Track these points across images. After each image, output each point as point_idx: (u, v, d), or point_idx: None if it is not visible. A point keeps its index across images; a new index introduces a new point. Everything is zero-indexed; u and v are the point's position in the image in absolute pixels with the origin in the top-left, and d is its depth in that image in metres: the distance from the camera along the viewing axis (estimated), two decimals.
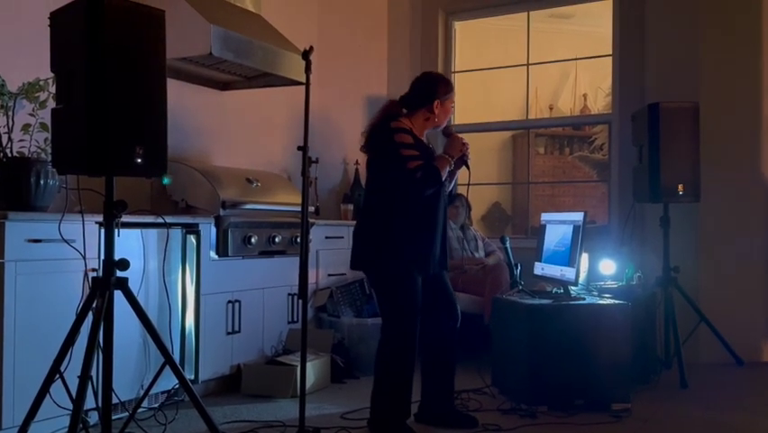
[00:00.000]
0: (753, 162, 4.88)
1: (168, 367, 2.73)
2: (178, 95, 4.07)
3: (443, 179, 3.14)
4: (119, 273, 2.61)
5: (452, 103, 3.29)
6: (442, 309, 3.29)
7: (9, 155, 3.03)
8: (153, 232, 3.43)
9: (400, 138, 3.10)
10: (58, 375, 2.55)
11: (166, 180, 3.46)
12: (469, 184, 3.37)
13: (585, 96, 7.29)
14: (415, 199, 3.11)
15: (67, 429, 2.46)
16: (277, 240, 4.14)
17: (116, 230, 2.59)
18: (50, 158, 2.79)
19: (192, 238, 3.67)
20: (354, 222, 4.87)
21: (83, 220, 2.81)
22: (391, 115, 3.20)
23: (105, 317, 2.55)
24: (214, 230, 3.79)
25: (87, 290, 2.65)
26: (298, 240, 4.04)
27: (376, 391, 3.18)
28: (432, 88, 3.24)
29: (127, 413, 2.99)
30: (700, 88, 4.82)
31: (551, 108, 7.33)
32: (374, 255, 3.16)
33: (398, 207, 3.12)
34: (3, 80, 3.01)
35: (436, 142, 4.12)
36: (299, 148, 2.84)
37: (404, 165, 3.06)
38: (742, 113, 4.88)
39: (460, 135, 3.27)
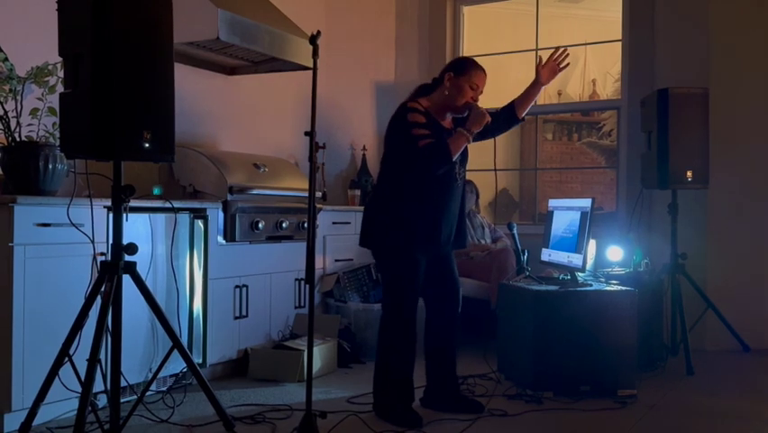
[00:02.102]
0: (762, 149, 4.85)
1: (176, 351, 2.75)
2: (185, 79, 4.07)
3: (455, 157, 3.07)
4: (127, 258, 2.62)
5: (472, 83, 3.16)
6: (447, 295, 3.30)
7: (17, 139, 3.04)
8: (161, 216, 3.44)
9: (412, 117, 3.10)
10: (67, 358, 2.57)
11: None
12: (495, 169, 3.36)
13: (594, 81, 7.25)
14: (424, 179, 3.10)
15: (75, 412, 2.48)
16: (284, 225, 4.15)
17: (124, 214, 2.60)
18: (58, 142, 2.80)
19: (200, 223, 3.68)
20: (361, 208, 4.89)
21: (91, 204, 2.82)
22: (413, 97, 3.21)
23: (113, 301, 2.57)
24: (221, 215, 3.80)
25: (96, 274, 2.66)
26: (305, 225, 4.05)
27: (378, 375, 3.21)
28: (449, 65, 3.24)
29: (135, 396, 3.01)
30: (710, 74, 4.79)
31: (559, 94, 7.29)
32: (380, 235, 3.17)
33: (406, 188, 3.12)
34: (11, 64, 3.01)
35: None
36: (306, 133, 2.83)
37: (413, 144, 3.06)
38: (752, 99, 4.84)
39: (479, 108, 3.14)
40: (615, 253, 4.51)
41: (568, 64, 3.30)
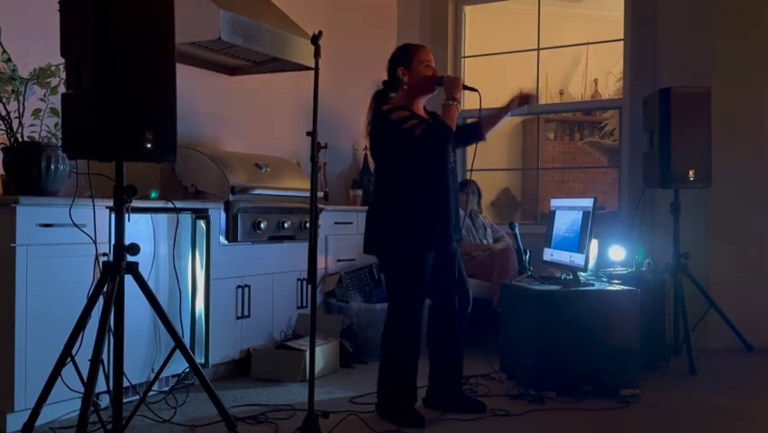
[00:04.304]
0: (764, 148, 4.84)
1: (178, 351, 2.75)
2: (187, 80, 4.07)
3: (454, 127, 3.11)
4: (129, 258, 2.62)
5: (423, 63, 3.21)
6: (453, 293, 3.29)
7: (20, 140, 3.04)
8: (163, 217, 3.44)
9: (396, 116, 3.11)
10: (69, 359, 2.57)
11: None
12: (472, 169, 3.37)
13: (596, 80, 7.24)
14: (422, 174, 3.11)
15: (78, 412, 2.49)
16: (286, 225, 4.15)
17: (126, 215, 2.60)
18: (60, 143, 2.80)
19: (202, 223, 3.68)
20: (363, 207, 4.89)
21: (93, 205, 2.82)
22: (381, 102, 3.23)
23: (115, 302, 2.57)
24: (223, 215, 3.80)
25: (98, 275, 2.67)
26: (307, 225, 4.05)
27: (382, 376, 3.20)
28: (394, 61, 3.26)
29: (138, 396, 3.01)
30: (712, 73, 4.78)
31: (561, 93, 7.29)
32: (386, 238, 3.17)
33: (407, 187, 3.12)
34: (14, 65, 3.01)
35: None
36: (308, 133, 2.84)
37: (410, 137, 3.07)
38: (754, 98, 4.84)
39: (449, 75, 3.24)
40: (617, 252, 4.50)
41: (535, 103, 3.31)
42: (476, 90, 3.25)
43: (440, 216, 3.16)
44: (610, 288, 3.72)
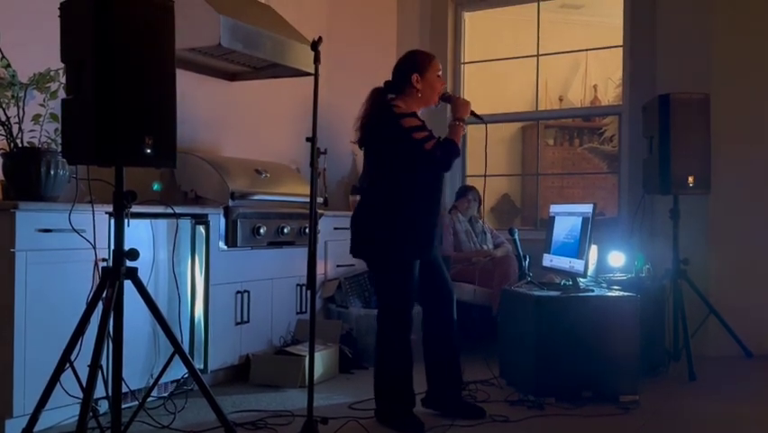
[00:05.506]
0: (763, 154, 4.85)
1: (177, 357, 2.75)
2: (187, 85, 4.07)
3: (459, 146, 3.17)
4: (129, 263, 2.62)
5: (436, 73, 3.23)
6: (441, 299, 3.30)
7: (20, 145, 3.05)
8: (163, 222, 3.44)
9: (408, 123, 3.10)
10: (68, 364, 2.57)
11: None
12: (486, 175, 3.37)
13: (595, 87, 7.25)
14: (421, 181, 3.13)
15: (77, 418, 2.48)
16: (285, 231, 4.15)
17: (126, 220, 2.60)
18: (60, 148, 2.80)
19: (201, 229, 3.68)
20: None
21: (93, 210, 2.82)
22: (384, 103, 3.19)
23: (114, 307, 2.57)
24: (223, 221, 3.80)
25: (98, 280, 2.66)
26: (307, 231, 4.05)
27: (379, 383, 3.20)
28: (408, 65, 3.23)
29: (137, 402, 3.01)
30: (711, 79, 4.79)
31: (561, 99, 7.30)
32: (377, 243, 3.17)
33: (404, 194, 3.12)
34: (14, 71, 3.02)
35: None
36: (308, 139, 2.84)
37: (420, 148, 3.06)
38: (753, 104, 4.85)
39: (459, 96, 3.29)
40: (616, 258, 4.50)
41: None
42: (482, 119, 3.25)
43: (430, 222, 3.17)
44: (610, 294, 3.72)
